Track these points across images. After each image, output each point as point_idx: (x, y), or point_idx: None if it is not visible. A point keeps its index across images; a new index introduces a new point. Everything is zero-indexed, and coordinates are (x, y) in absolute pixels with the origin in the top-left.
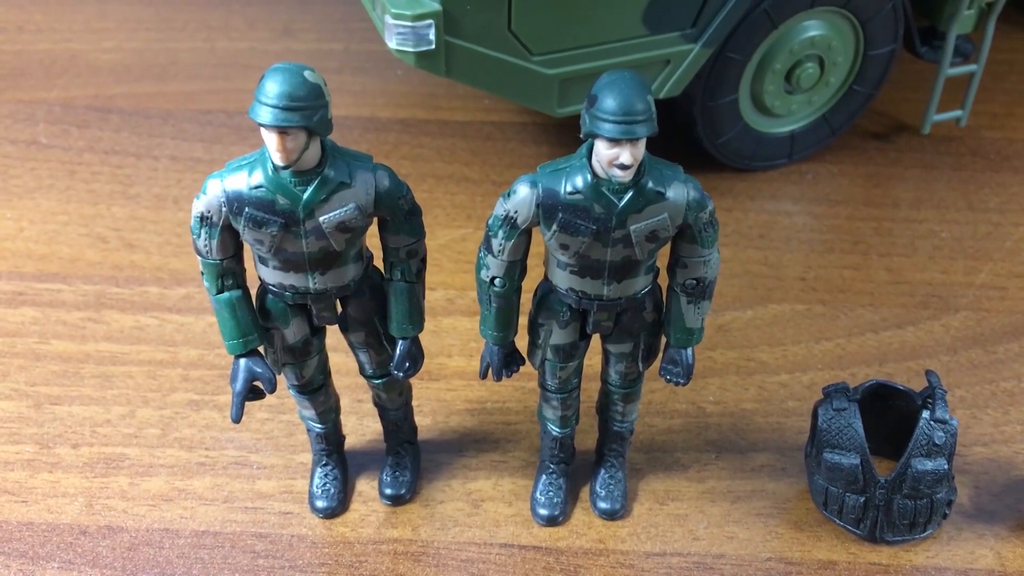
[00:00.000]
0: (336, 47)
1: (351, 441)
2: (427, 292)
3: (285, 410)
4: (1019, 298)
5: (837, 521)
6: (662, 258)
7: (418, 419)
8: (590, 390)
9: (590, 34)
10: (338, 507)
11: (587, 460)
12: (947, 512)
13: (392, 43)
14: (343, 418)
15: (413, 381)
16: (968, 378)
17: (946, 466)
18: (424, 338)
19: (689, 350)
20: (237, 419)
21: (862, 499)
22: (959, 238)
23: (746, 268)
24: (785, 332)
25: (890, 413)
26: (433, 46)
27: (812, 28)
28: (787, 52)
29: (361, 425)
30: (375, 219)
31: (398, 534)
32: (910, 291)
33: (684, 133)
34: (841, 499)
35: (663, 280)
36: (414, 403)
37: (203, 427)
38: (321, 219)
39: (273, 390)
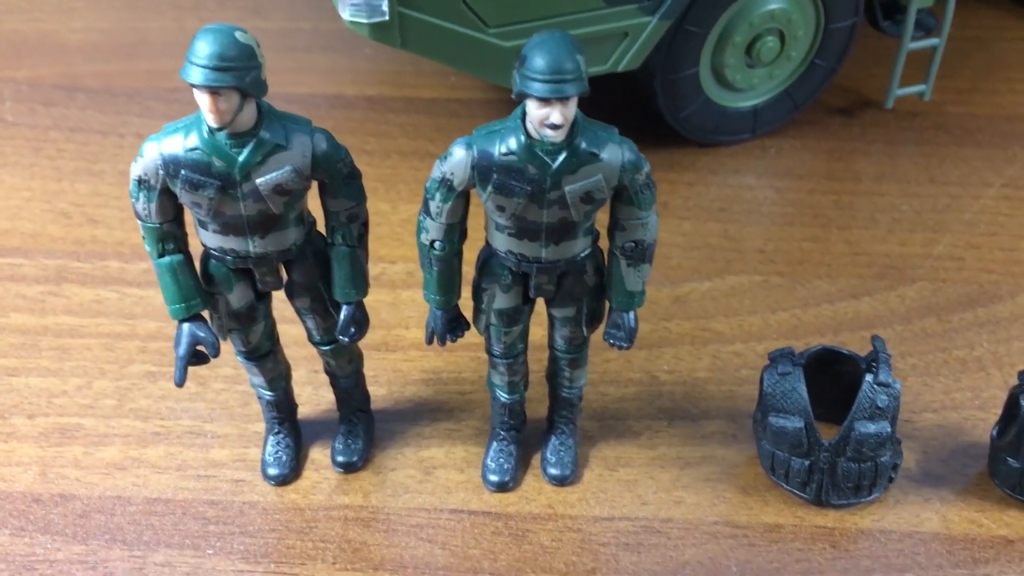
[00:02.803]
0: (305, 26)
1: (306, 410)
2: (388, 265)
3: (241, 380)
4: (975, 269)
5: (784, 485)
6: (603, 222)
7: (374, 389)
8: (543, 359)
9: (546, 6)
10: (290, 474)
11: (539, 427)
12: (893, 476)
13: (346, 15)
14: (298, 388)
15: (370, 352)
16: (921, 347)
17: (889, 429)
18: (383, 310)
19: (631, 314)
20: (180, 383)
21: (807, 463)
22: (919, 211)
23: (706, 240)
24: (742, 303)
25: (836, 378)
26: (387, 17)
27: (772, 1)
28: (747, 25)
29: (316, 395)
30: (315, 183)
31: (349, 500)
32: (868, 263)
33: (646, 107)
34: (787, 463)
35: (606, 244)
36: (370, 373)
37: (159, 398)
38: (258, 181)
39: (216, 354)
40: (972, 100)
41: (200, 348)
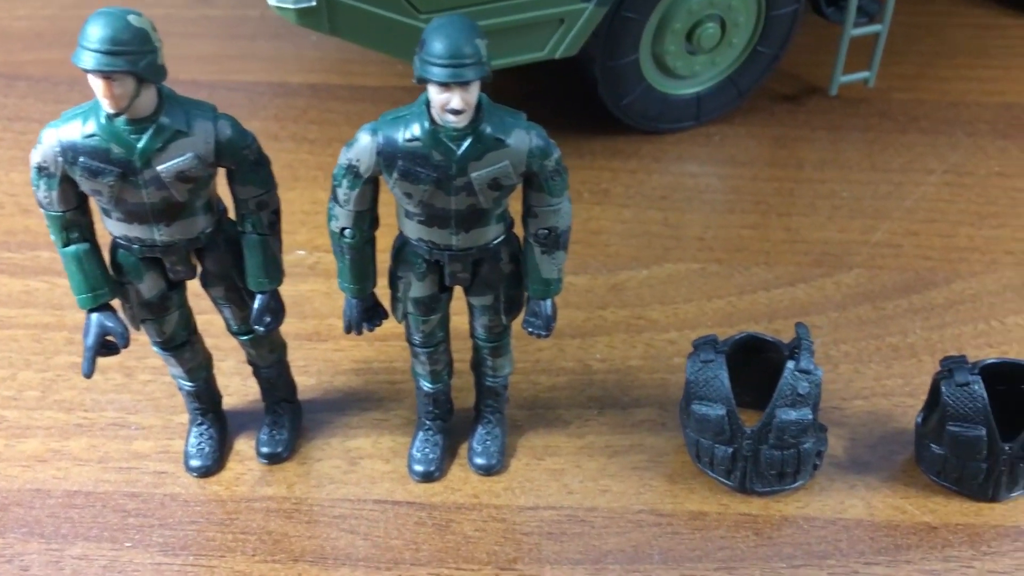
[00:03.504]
0: (252, 13)
1: (233, 401)
2: (324, 255)
3: (168, 371)
4: (913, 255)
5: (710, 473)
6: (518, 209)
7: (303, 379)
8: (469, 348)
9: None
10: (213, 466)
11: (468, 417)
12: (818, 463)
13: (272, 0)
14: (226, 379)
15: (301, 342)
16: (855, 333)
17: (810, 416)
18: (317, 299)
19: (548, 301)
20: (88, 374)
21: (730, 450)
22: (859, 198)
23: (645, 229)
24: (678, 291)
25: (762, 365)
26: (313, 2)
27: None
28: (686, 12)
29: (245, 386)
30: (224, 170)
31: (272, 492)
32: (806, 250)
33: (588, 95)
34: (711, 451)
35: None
36: (300, 363)
37: (83, 389)
38: (159, 168)
39: (126, 345)
40: (919, 86)
41: (110, 339)
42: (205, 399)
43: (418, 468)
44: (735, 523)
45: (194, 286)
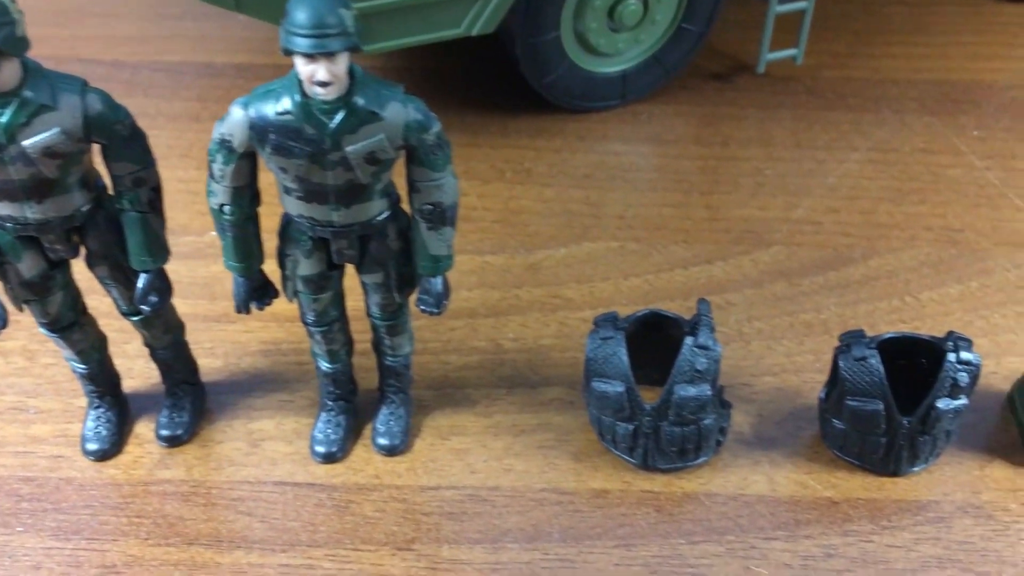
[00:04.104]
0: None
1: (137, 384)
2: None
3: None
4: (832, 232)
5: (614, 450)
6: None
7: (209, 361)
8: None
9: None
10: (111, 449)
11: (374, 398)
12: (721, 439)
13: None
14: (130, 361)
15: (210, 323)
16: (769, 311)
17: (709, 392)
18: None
19: (439, 278)
20: None
21: (631, 427)
22: (783, 175)
23: (566, 208)
24: (595, 269)
25: (664, 342)
26: None
27: None
28: None
29: (148, 368)
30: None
31: (171, 475)
32: (726, 227)
33: (512, 74)
34: (613, 428)
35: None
36: (207, 345)
37: None
38: (24, 144)
39: (4, 325)
40: (849, 64)
41: None
42: (101, 381)
43: (320, 449)
44: (637, 500)
45: (84, 266)
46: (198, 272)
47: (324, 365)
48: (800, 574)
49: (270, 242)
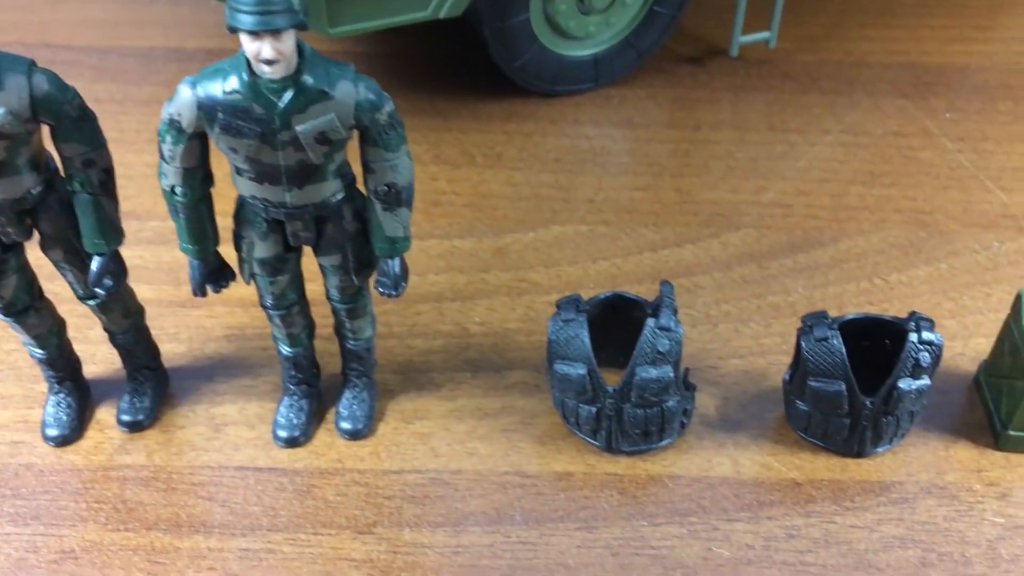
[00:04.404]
0: None
1: (99, 369)
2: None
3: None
4: (802, 215)
5: (578, 433)
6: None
7: (173, 346)
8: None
9: None
10: (71, 435)
11: (338, 382)
12: (685, 421)
13: None
14: (93, 347)
15: (174, 309)
16: (737, 293)
17: (671, 373)
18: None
19: (396, 260)
20: None
21: (594, 409)
22: (754, 158)
23: (535, 191)
24: (563, 253)
25: (627, 324)
26: None
27: None
28: None
29: (111, 353)
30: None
31: (131, 460)
32: (696, 210)
33: (484, 57)
34: (576, 410)
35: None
36: (171, 330)
37: None
38: None
39: None
40: (823, 47)
41: None
42: (60, 366)
43: (282, 434)
44: (600, 483)
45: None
46: (163, 257)
47: (285, 349)
48: (762, 555)
49: (228, 225)
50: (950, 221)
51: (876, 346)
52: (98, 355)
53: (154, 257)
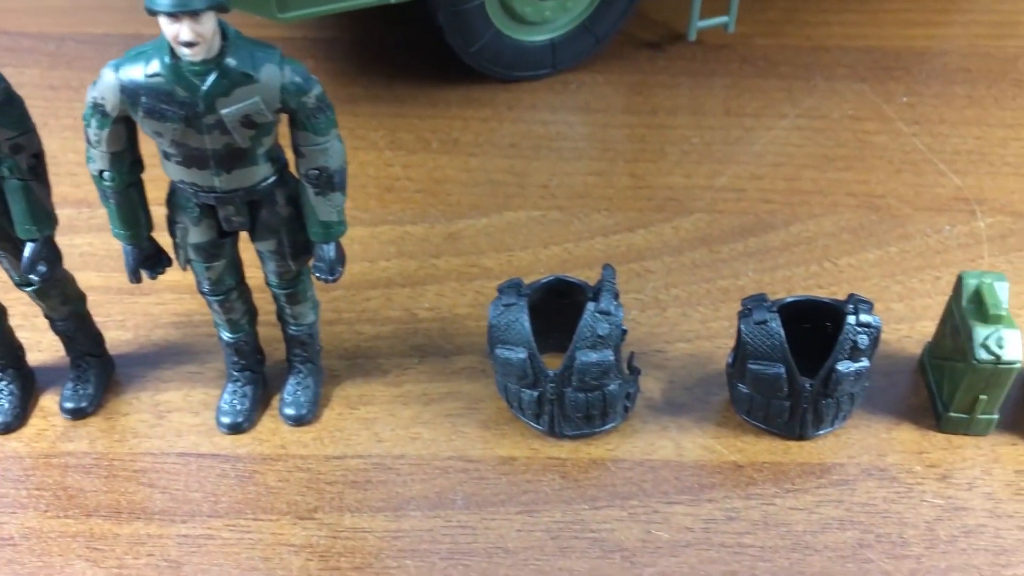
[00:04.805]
0: None
1: (45, 357)
2: (154, 208)
3: None
4: (755, 199)
5: (522, 418)
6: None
7: (119, 333)
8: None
9: None
10: (13, 422)
11: (285, 368)
12: (628, 405)
13: None
14: (38, 335)
15: (122, 296)
16: (687, 278)
17: (611, 357)
18: None
19: (332, 245)
20: None
21: (536, 394)
22: (709, 143)
23: (490, 177)
24: (515, 238)
25: (570, 309)
26: None
27: None
28: None
29: (57, 340)
30: None
31: (74, 447)
32: (649, 195)
33: (442, 43)
34: (519, 395)
35: None
36: (118, 317)
37: None
38: None
39: None
40: (782, 32)
41: None
42: (2, 353)
43: (225, 420)
44: (543, 467)
45: None
46: (113, 245)
47: (225, 335)
48: (701, 537)
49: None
50: (902, 205)
51: (817, 329)
52: (44, 342)
53: (103, 244)
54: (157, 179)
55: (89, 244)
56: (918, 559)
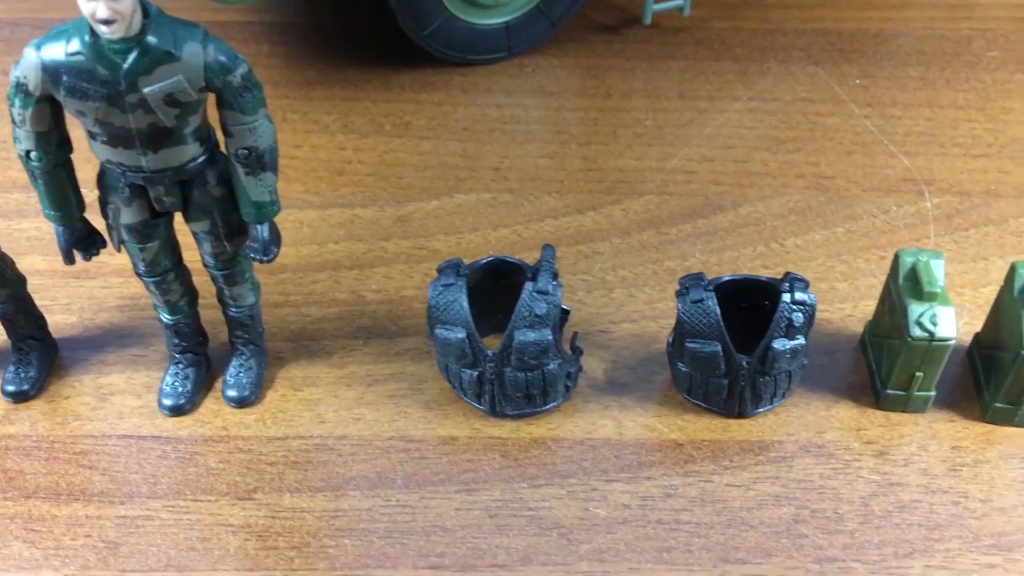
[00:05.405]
0: None
1: None
2: (83, 189)
3: None
4: (705, 181)
5: (464, 398)
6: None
7: (64, 317)
8: None
9: None
10: None
11: (229, 350)
12: (570, 384)
13: None
14: None
15: (68, 279)
16: (634, 259)
17: (550, 336)
18: None
19: (265, 225)
20: None
21: (475, 373)
22: (662, 126)
23: (441, 160)
24: (465, 221)
25: (510, 289)
26: None
27: None
28: None
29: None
30: None
31: (14, 430)
32: (600, 178)
33: (394, 27)
34: (459, 375)
35: None
36: (64, 301)
37: None
38: None
39: None
40: (739, 15)
41: None
42: None
43: (167, 402)
44: (484, 446)
45: None
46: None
47: (165, 317)
48: (638, 514)
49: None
50: (851, 185)
51: (756, 308)
52: None
53: (50, 229)
54: (90, 160)
55: (36, 228)
56: (852, 534)
